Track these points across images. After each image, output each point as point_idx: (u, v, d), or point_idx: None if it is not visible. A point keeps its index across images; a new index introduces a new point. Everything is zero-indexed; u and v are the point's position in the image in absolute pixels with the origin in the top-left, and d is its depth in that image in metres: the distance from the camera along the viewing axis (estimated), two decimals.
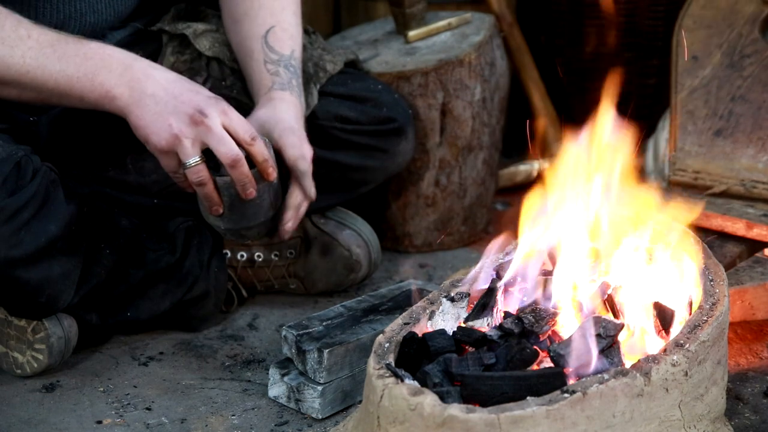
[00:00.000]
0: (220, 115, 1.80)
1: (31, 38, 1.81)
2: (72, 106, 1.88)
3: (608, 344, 1.53)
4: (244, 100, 2.18)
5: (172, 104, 1.78)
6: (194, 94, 1.81)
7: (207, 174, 1.82)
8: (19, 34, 1.81)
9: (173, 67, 2.12)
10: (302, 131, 2.03)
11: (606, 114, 1.69)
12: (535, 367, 1.55)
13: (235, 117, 1.82)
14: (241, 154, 1.81)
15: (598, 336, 1.52)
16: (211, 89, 2.15)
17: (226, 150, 1.79)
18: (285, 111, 2.03)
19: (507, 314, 1.65)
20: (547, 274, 1.70)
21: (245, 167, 1.82)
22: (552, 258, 1.71)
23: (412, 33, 2.51)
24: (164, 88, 1.80)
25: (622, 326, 1.57)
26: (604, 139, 1.68)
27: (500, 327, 1.59)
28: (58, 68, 1.81)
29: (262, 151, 1.84)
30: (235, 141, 1.82)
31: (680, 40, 2.32)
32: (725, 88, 2.27)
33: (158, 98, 1.79)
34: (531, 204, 1.72)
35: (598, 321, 1.55)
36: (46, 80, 1.82)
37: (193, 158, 1.80)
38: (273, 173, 1.86)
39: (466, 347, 1.60)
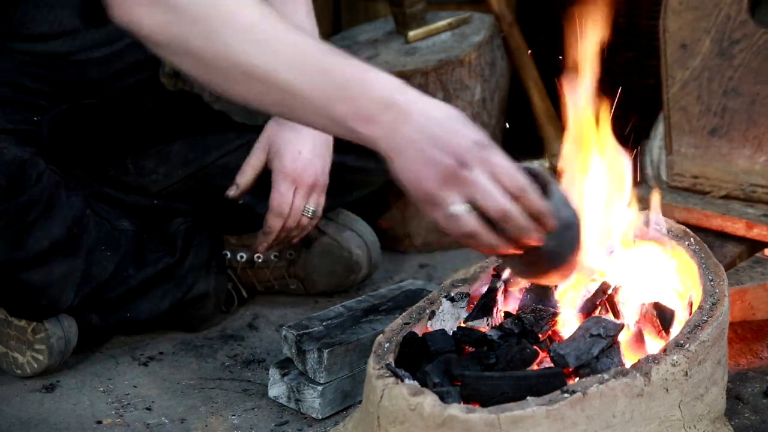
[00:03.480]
0: (483, 164, 1.50)
1: (291, 41, 1.58)
2: (309, 124, 1.61)
3: (608, 344, 1.53)
4: None
5: (429, 153, 1.49)
6: (453, 136, 1.50)
7: (473, 224, 1.50)
8: (277, 30, 1.58)
9: (175, 69, 2.12)
10: (315, 152, 2.07)
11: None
12: (535, 367, 1.55)
13: (501, 166, 1.50)
14: (510, 208, 1.50)
15: (598, 336, 1.52)
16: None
17: (493, 204, 1.49)
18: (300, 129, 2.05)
19: (507, 314, 1.65)
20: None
21: (518, 219, 1.50)
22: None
23: (412, 33, 2.51)
24: (422, 130, 1.50)
25: (622, 326, 1.56)
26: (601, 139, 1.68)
27: (500, 327, 1.59)
28: (318, 77, 1.54)
29: (534, 205, 1.51)
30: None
31: (667, 24, 2.28)
32: (716, 80, 2.24)
33: (416, 144, 1.50)
34: None
35: (598, 321, 1.55)
36: (300, 87, 1.53)
37: (454, 207, 1.50)
38: (549, 223, 1.51)
39: (466, 347, 1.60)
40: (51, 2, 1.99)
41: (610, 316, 1.61)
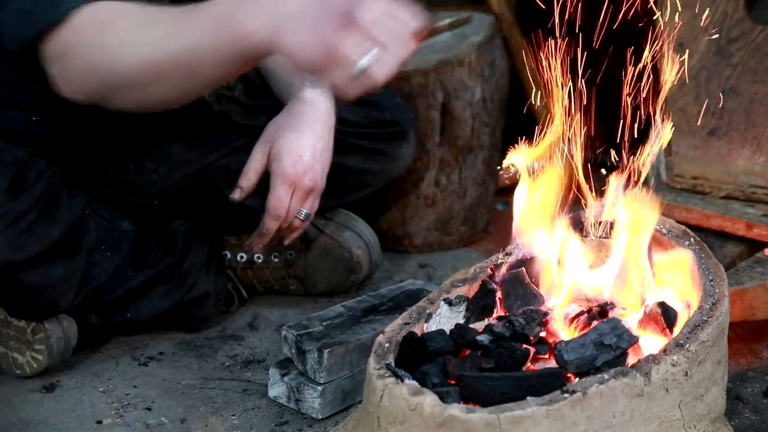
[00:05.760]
0: (376, 4, 1.47)
1: (160, 20, 1.61)
2: (203, 78, 1.60)
3: (616, 357, 1.52)
4: (246, 102, 2.18)
5: (315, 13, 1.45)
6: None
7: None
8: (148, 20, 1.61)
9: None
10: (315, 156, 2.06)
11: None
12: (532, 366, 1.55)
13: (391, 5, 1.49)
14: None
15: (609, 347, 1.51)
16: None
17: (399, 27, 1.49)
18: (308, 129, 2.05)
19: (500, 317, 1.64)
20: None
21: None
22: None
23: None
24: (305, 1, 1.48)
25: (637, 339, 1.55)
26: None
27: (491, 331, 1.58)
28: (190, 33, 1.55)
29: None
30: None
31: (664, 23, 2.26)
32: (715, 79, 2.22)
33: (301, 14, 1.46)
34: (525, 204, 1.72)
35: (615, 328, 1.53)
36: (176, 52, 1.55)
37: (368, 55, 1.45)
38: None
39: (465, 348, 1.60)
40: None
41: (630, 321, 1.59)
